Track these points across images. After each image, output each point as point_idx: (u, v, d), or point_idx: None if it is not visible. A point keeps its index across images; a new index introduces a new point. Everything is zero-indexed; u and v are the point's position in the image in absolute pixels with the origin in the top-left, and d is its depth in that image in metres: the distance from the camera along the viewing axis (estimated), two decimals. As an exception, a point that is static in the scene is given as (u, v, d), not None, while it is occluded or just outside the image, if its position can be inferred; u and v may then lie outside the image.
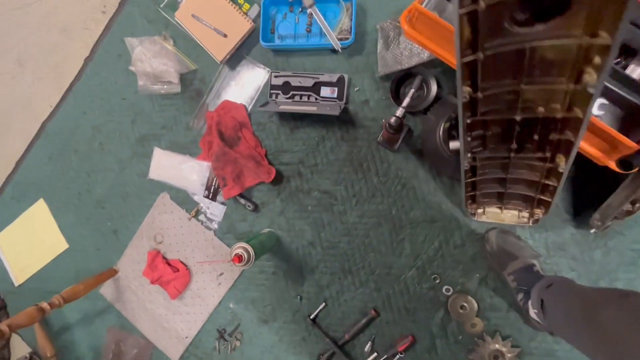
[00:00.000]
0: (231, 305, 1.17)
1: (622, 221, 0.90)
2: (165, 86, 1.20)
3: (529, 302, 0.87)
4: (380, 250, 1.07)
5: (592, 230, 0.91)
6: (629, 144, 0.66)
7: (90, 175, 1.31)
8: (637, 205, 0.88)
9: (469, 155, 0.70)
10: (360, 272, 1.08)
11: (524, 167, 0.74)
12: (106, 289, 1.29)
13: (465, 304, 1.00)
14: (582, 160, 0.76)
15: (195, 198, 1.19)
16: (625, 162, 0.70)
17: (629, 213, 0.90)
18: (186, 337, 1.19)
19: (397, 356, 1.03)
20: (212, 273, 1.18)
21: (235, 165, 1.10)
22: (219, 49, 1.13)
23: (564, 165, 0.63)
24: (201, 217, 1.19)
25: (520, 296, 0.89)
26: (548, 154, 0.64)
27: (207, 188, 1.14)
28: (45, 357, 1.08)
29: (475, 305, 0.99)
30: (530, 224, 0.92)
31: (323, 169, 1.11)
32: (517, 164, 0.73)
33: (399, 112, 0.80)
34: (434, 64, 0.99)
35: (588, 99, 0.47)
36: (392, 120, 0.81)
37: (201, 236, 1.18)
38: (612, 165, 0.71)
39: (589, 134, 0.71)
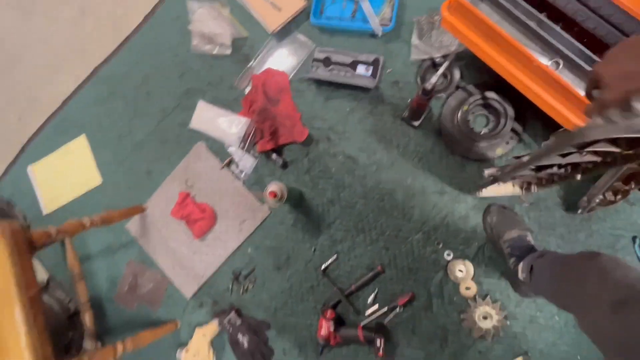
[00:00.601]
0: (249, 251, 1.28)
1: (605, 208, 1.05)
2: (217, 47, 1.34)
3: (519, 266, 1.00)
4: (392, 213, 1.19)
5: (579, 211, 1.05)
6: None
7: (133, 120, 1.43)
8: (618, 196, 1.03)
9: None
10: (372, 232, 1.20)
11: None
12: (132, 225, 1.38)
13: (462, 268, 1.12)
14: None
15: (230, 150, 1.31)
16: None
17: (611, 202, 1.05)
18: (202, 276, 1.29)
19: (397, 309, 1.14)
20: (235, 219, 1.29)
21: (273, 121, 1.23)
22: (272, 21, 1.28)
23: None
24: (232, 167, 1.31)
25: (512, 260, 1.02)
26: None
27: (244, 140, 1.27)
28: (73, 273, 1.16)
29: (472, 270, 1.12)
30: (523, 194, 1.06)
31: (349, 137, 1.24)
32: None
33: (434, 78, 0.94)
34: (460, 57, 1.15)
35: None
36: (429, 84, 0.95)
37: (230, 185, 1.30)
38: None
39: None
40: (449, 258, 1.14)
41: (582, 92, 0.81)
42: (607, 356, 0.57)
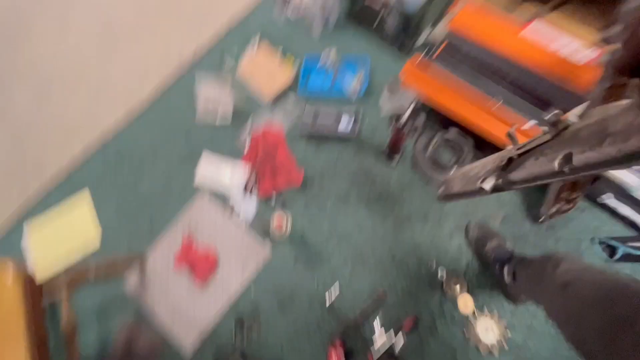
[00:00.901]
0: (252, 294, 1.29)
1: (563, 216, 1.24)
2: (220, 118, 1.57)
3: (505, 270, 1.11)
4: (386, 239, 1.31)
5: (541, 220, 1.23)
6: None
7: (138, 177, 1.54)
8: (570, 205, 1.24)
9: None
10: (369, 260, 1.29)
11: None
12: (129, 279, 1.37)
13: (457, 285, 1.21)
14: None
15: (232, 194, 1.43)
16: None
17: (566, 211, 1.24)
18: (205, 325, 1.26)
19: (403, 335, 1.16)
20: (238, 262, 1.33)
21: (273, 169, 1.40)
22: (267, 92, 1.57)
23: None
24: (235, 212, 1.41)
25: (497, 266, 1.14)
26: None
27: (246, 186, 1.41)
28: (66, 333, 1.11)
29: (466, 284, 1.21)
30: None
31: (340, 177, 1.43)
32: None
33: (404, 117, 1.19)
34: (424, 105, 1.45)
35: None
36: (400, 122, 1.19)
37: (233, 229, 1.38)
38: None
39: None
40: (443, 276, 1.23)
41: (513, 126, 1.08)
42: (562, 330, 0.70)
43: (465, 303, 1.18)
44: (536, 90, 1.13)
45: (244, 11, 1.85)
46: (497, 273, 1.14)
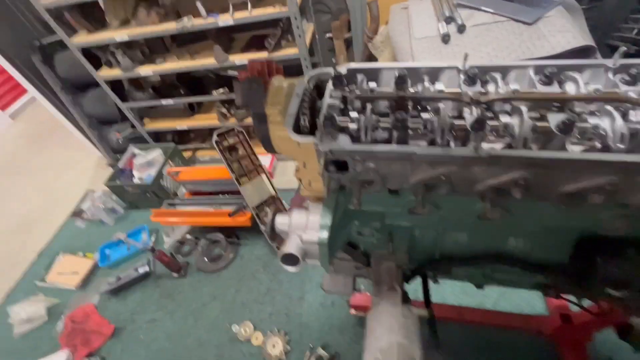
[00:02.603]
0: None
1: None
2: (36, 322, 1.83)
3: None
4: (190, 332, 1.64)
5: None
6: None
7: None
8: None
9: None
10: (183, 354, 1.57)
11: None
12: None
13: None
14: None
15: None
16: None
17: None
18: None
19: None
20: None
21: (85, 336, 1.67)
22: (73, 283, 1.95)
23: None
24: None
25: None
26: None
27: (63, 364, 1.60)
28: None
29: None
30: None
31: (146, 309, 1.78)
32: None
33: (168, 245, 1.72)
34: (191, 231, 2.05)
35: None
36: (167, 251, 1.72)
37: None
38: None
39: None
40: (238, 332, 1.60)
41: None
42: None
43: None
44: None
45: (49, 238, 2.34)
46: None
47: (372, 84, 0.63)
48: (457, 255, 0.73)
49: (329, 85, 0.60)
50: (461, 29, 1.30)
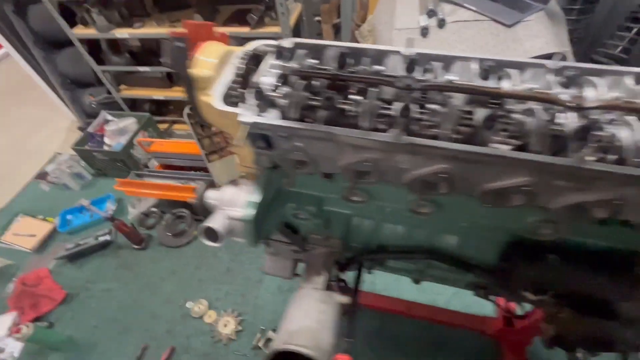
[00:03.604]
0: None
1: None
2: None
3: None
4: (142, 302, 1.62)
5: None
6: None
7: None
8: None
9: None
10: (133, 325, 1.55)
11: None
12: None
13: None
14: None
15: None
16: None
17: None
18: None
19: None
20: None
21: (34, 300, 1.63)
22: (29, 245, 1.89)
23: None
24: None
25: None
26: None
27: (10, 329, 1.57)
28: None
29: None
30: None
31: (104, 278, 1.75)
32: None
33: (131, 216, 1.68)
34: (160, 204, 2.01)
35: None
36: (130, 220, 1.68)
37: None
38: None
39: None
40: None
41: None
42: None
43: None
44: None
45: (10, 198, 2.26)
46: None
47: (314, 61, 0.60)
48: (392, 247, 0.72)
49: (268, 58, 0.57)
50: (441, 23, 1.27)
